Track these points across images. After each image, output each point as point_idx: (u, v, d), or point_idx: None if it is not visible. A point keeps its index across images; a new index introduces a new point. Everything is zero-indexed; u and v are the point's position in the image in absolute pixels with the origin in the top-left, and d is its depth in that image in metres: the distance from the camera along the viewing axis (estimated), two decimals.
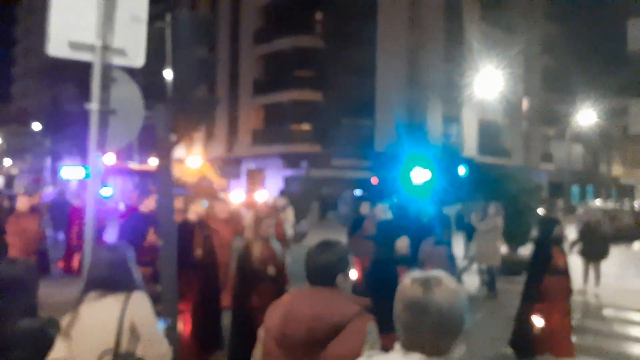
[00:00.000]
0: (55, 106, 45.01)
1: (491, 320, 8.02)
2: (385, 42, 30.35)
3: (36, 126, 46.21)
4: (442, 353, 1.59)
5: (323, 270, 2.24)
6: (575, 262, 12.58)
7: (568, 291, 6.01)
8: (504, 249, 12.99)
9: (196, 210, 6.02)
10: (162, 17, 4.03)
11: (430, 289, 1.60)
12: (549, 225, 6.21)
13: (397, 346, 1.64)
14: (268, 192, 20.36)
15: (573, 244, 11.08)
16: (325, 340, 2.09)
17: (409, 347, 1.62)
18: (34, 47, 58.63)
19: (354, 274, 7.04)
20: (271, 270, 4.84)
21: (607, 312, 9.11)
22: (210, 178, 10.62)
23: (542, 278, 5.86)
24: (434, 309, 1.57)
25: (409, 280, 1.66)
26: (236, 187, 29.65)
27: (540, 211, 15.96)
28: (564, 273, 5.97)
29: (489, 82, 22.96)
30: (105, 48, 3.61)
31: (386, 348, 1.80)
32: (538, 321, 5.84)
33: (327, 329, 2.09)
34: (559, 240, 6.12)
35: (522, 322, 6.05)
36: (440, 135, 31.89)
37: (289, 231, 9.44)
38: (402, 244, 5.37)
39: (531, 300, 5.95)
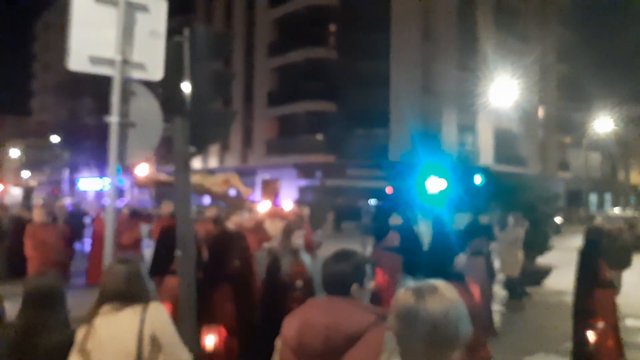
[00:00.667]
0: (73, 119, 45.74)
1: (512, 332, 7.94)
2: (399, 52, 30.38)
3: (54, 139, 46.95)
4: None
5: (339, 280, 2.24)
6: None
7: (615, 304, 5.78)
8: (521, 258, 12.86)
9: (236, 221, 5.95)
10: (180, 32, 4.09)
11: (422, 298, 1.55)
12: (596, 236, 5.89)
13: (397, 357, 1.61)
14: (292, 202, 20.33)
15: None
16: (342, 350, 2.08)
17: (404, 357, 1.58)
18: (52, 62, 59.76)
19: (372, 284, 6.90)
20: (299, 283, 4.74)
21: (629, 322, 8.96)
22: (237, 187, 10.61)
23: (592, 292, 5.59)
24: (426, 318, 1.52)
25: (403, 289, 1.62)
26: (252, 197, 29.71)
27: (558, 220, 15.79)
28: (611, 286, 5.74)
29: (504, 90, 22.85)
30: (125, 62, 3.69)
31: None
32: (592, 337, 5.61)
33: (344, 339, 2.08)
34: (606, 251, 5.83)
35: (579, 339, 5.79)
36: (455, 144, 31.75)
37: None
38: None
39: (583, 315, 5.70)
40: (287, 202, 11.68)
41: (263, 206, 10.08)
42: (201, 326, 4.93)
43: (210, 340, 5.08)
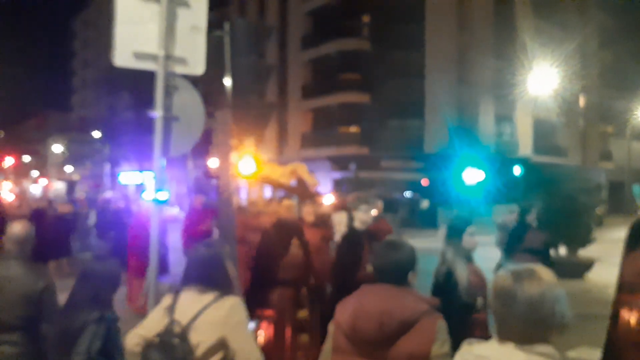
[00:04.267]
0: (112, 114, 46.90)
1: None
2: (434, 42, 29.96)
3: (96, 134, 48.23)
4: (535, 342, 1.63)
5: (393, 268, 2.29)
6: None
7: None
8: (563, 250, 12.60)
9: (308, 212, 5.89)
10: (220, 26, 4.16)
11: (520, 280, 1.65)
12: None
13: (495, 336, 1.71)
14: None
15: None
16: (395, 336, 2.12)
17: (502, 336, 1.68)
18: (91, 59, 61.29)
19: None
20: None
21: None
22: (304, 178, 10.46)
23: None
24: (523, 299, 1.62)
25: (502, 272, 1.73)
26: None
27: (600, 211, 15.36)
28: None
29: (543, 79, 22.29)
30: (168, 57, 3.76)
31: None
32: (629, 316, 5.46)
33: (397, 325, 2.12)
34: None
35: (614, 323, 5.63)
36: (492, 134, 31.19)
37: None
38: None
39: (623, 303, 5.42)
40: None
41: (328, 199, 9.80)
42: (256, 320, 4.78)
43: (260, 335, 4.87)
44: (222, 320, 2.48)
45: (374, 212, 5.16)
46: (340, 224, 6.26)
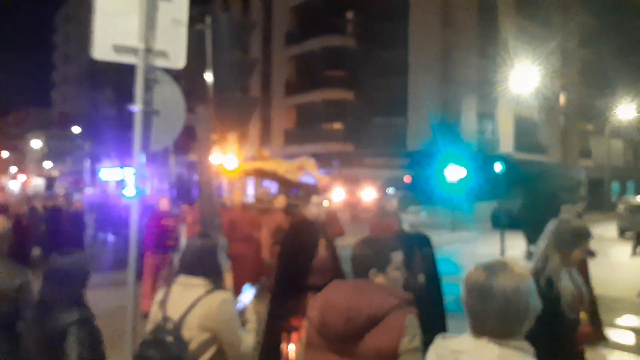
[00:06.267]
0: (94, 110, 46.32)
1: None
2: (418, 40, 30.10)
3: (76, 129, 47.57)
4: (510, 336, 1.62)
5: (365, 263, 2.28)
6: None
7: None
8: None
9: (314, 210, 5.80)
10: (201, 20, 4.11)
11: (494, 274, 1.64)
12: None
13: (468, 330, 1.69)
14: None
15: (637, 244, 10.63)
16: (363, 331, 2.11)
17: (477, 331, 1.66)
18: (73, 53, 60.39)
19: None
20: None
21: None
22: (313, 173, 10.28)
23: None
24: (498, 293, 1.61)
25: (474, 267, 1.70)
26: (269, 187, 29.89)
27: (580, 208, 15.57)
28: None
29: (525, 77, 22.50)
30: (148, 51, 3.70)
31: None
32: None
33: (364, 320, 2.11)
34: None
35: None
36: (475, 132, 31.44)
37: None
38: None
39: None
40: (369, 191, 11.27)
41: (337, 195, 9.58)
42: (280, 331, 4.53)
43: (290, 349, 4.48)
44: (213, 316, 2.51)
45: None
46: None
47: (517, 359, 1.61)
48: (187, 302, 2.52)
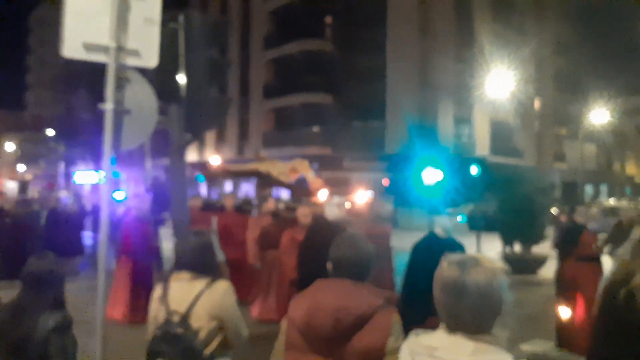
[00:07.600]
0: (69, 113, 45.55)
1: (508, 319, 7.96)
2: (396, 45, 30.31)
3: (50, 132, 46.76)
4: (484, 331, 1.62)
5: (351, 263, 2.25)
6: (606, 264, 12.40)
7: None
8: (517, 248, 12.93)
9: (306, 213, 5.81)
10: (175, 19, 4.07)
11: (466, 270, 1.63)
12: None
13: (442, 326, 1.68)
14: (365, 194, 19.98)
15: (603, 244, 10.79)
16: (351, 332, 2.09)
17: (450, 327, 1.66)
18: (48, 56, 59.34)
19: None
20: None
21: None
22: (306, 175, 10.08)
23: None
24: (472, 289, 1.60)
25: (445, 263, 1.69)
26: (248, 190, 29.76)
27: (554, 210, 15.86)
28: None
29: (501, 82, 22.80)
30: (119, 49, 3.65)
31: None
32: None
33: (353, 321, 2.09)
34: None
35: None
36: (451, 136, 31.75)
37: None
38: None
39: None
40: (362, 194, 11.19)
41: (323, 195, 9.49)
42: None
43: None
44: (218, 305, 2.60)
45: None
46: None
47: (492, 352, 1.61)
48: (191, 295, 2.58)
